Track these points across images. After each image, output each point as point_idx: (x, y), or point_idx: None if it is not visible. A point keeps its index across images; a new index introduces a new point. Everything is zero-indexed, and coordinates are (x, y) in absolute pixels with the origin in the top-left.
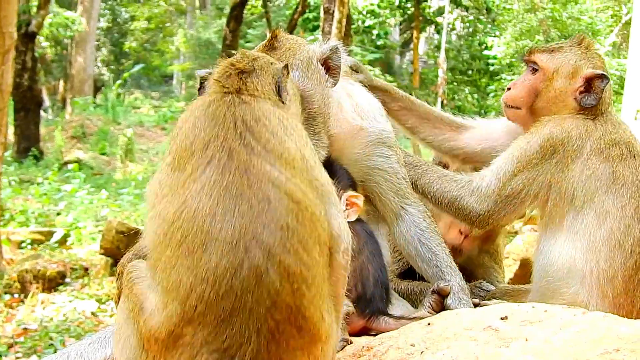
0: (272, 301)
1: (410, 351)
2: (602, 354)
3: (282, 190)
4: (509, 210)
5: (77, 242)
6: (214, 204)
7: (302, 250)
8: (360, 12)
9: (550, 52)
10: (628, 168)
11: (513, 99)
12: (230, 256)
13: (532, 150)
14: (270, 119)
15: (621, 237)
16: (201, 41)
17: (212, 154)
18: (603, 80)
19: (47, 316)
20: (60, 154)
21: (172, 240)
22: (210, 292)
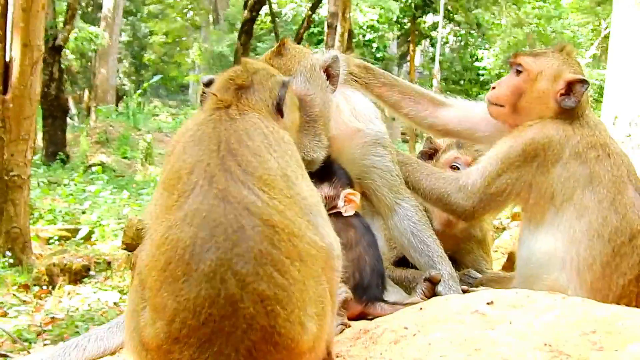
0: (248, 325)
1: (403, 333)
2: (580, 336)
3: (257, 216)
4: (492, 207)
5: (100, 238)
6: (194, 234)
7: (277, 273)
8: (361, 27)
9: (534, 56)
10: (604, 167)
11: (497, 97)
12: (208, 288)
13: (515, 153)
14: (254, 137)
15: (599, 227)
16: (215, 54)
17: (196, 181)
18: (583, 85)
19: (73, 306)
20: (85, 158)
21: (157, 264)
22: (192, 319)
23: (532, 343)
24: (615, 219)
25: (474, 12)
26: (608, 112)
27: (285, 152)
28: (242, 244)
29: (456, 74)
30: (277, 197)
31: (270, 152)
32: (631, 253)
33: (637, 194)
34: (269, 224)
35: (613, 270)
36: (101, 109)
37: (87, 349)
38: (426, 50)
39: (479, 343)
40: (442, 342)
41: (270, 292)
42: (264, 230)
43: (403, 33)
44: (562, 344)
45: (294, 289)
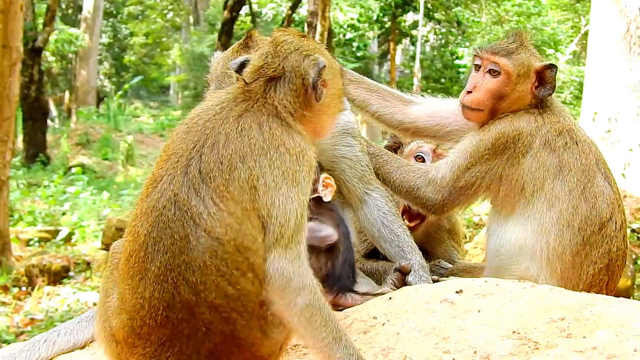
0: (207, 328)
1: (372, 323)
2: (548, 323)
3: (201, 228)
4: (462, 200)
5: (81, 239)
6: (148, 231)
7: (226, 284)
8: (341, 26)
9: (509, 54)
10: (572, 155)
11: (477, 102)
12: (161, 291)
13: (484, 147)
14: (233, 143)
15: (569, 217)
16: (195, 55)
17: (164, 174)
18: (552, 69)
19: (52, 307)
20: (66, 159)
21: (124, 252)
22: (150, 320)
23: (501, 331)
24: (585, 208)
25: (454, 10)
26: (588, 108)
27: (271, 162)
28: (188, 252)
29: (437, 72)
30: (229, 209)
31: (245, 161)
32: (601, 242)
33: (606, 183)
34: (212, 236)
35: (583, 259)
36: (82, 111)
37: (56, 343)
38: (407, 49)
39: (447, 332)
40: (410, 331)
41: (221, 301)
42: (207, 241)
43: (383, 32)
44: (530, 332)
45: (247, 299)
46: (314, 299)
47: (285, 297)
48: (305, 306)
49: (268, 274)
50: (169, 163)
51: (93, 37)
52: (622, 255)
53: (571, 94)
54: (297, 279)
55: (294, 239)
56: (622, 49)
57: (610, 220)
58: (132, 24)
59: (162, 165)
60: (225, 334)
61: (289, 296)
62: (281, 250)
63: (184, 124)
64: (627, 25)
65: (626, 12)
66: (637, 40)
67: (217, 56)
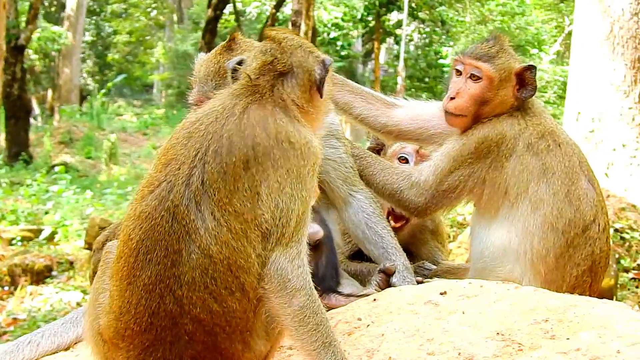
0: (189, 338)
1: (357, 324)
2: (532, 324)
3: (196, 244)
4: (445, 203)
5: (63, 238)
6: (141, 238)
7: (213, 302)
8: (326, 25)
9: (490, 59)
10: (555, 157)
11: (461, 108)
12: (148, 299)
13: (467, 151)
14: (238, 147)
15: (554, 220)
16: (179, 53)
17: (161, 182)
18: (532, 70)
19: (35, 307)
20: (49, 158)
21: (118, 251)
22: (134, 324)
23: (485, 332)
24: (569, 211)
25: (438, 10)
26: (571, 108)
27: (274, 162)
28: (179, 266)
29: (421, 72)
30: (229, 225)
31: (250, 166)
32: (584, 244)
33: (589, 185)
34: (206, 253)
35: (567, 261)
36: (65, 109)
37: (40, 345)
38: (391, 48)
39: (431, 333)
40: (395, 332)
41: (205, 317)
42: (200, 258)
43: (367, 31)
44: (514, 333)
45: (231, 317)
46: (310, 301)
47: (281, 296)
48: (300, 307)
49: (267, 273)
50: (169, 169)
51: (76, 35)
52: (605, 257)
53: (555, 94)
54: (295, 279)
55: (295, 237)
56: (606, 49)
57: (594, 222)
58: (115, 22)
59: (160, 169)
60: (207, 344)
61: (286, 296)
62: (282, 249)
63: (185, 128)
64: (610, 26)
65: (610, 12)
66: (621, 41)
67: (200, 58)
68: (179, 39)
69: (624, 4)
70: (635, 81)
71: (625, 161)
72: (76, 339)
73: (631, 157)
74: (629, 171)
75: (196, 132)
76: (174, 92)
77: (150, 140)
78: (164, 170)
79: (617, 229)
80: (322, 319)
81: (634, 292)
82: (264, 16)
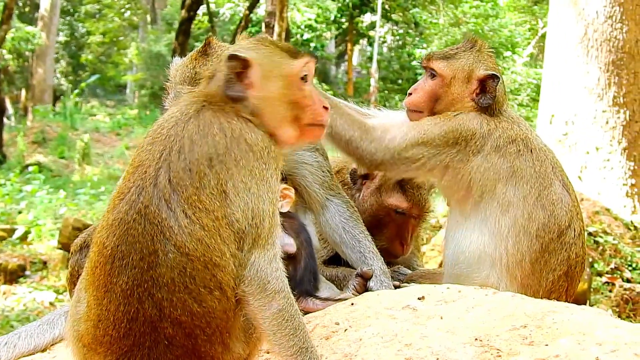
0: (169, 342)
1: (334, 329)
2: (511, 330)
3: (172, 242)
4: (401, 170)
5: (37, 238)
6: (115, 244)
7: (193, 302)
8: (299, 26)
9: (446, 58)
10: (526, 162)
11: (415, 103)
12: (126, 305)
13: (436, 133)
14: (198, 146)
15: (525, 223)
16: (152, 54)
17: (131, 186)
18: (495, 80)
19: (8, 306)
20: (22, 158)
21: (89, 263)
22: (112, 330)
23: (463, 338)
24: (542, 216)
25: (411, 12)
26: (545, 111)
27: (236, 162)
28: (157, 268)
29: (394, 73)
30: (201, 221)
31: (213, 164)
32: (560, 249)
33: (564, 190)
34: (182, 251)
35: (542, 266)
36: (38, 109)
37: (17, 346)
38: (364, 50)
39: (409, 338)
40: (373, 337)
41: (186, 318)
42: (177, 257)
43: (341, 32)
44: (492, 339)
45: (211, 317)
46: (288, 304)
47: (260, 299)
48: (278, 310)
49: (247, 275)
50: (136, 175)
51: (50, 35)
52: (581, 262)
53: (528, 96)
54: (274, 281)
55: (269, 239)
56: (580, 52)
57: (569, 227)
58: (89, 23)
59: (128, 178)
60: (186, 348)
61: (265, 298)
62: (260, 251)
63: (149, 136)
64: (584, 29)
65: (584, 15)
66: (595, 44)
67: (175, 62)
68: (152, 39)
69: (598, 7)
70: (609, 84)
71: (598, 164)
72: (53, 341)
73: (604, 160)
74: (602, 174)
75: (158, 137)
76: (147, 92)
77: (123, 140)
78: (132, 178)
79: (591, 233)
80: (299, 324)
81: (607, 296)
82: (237, 17)
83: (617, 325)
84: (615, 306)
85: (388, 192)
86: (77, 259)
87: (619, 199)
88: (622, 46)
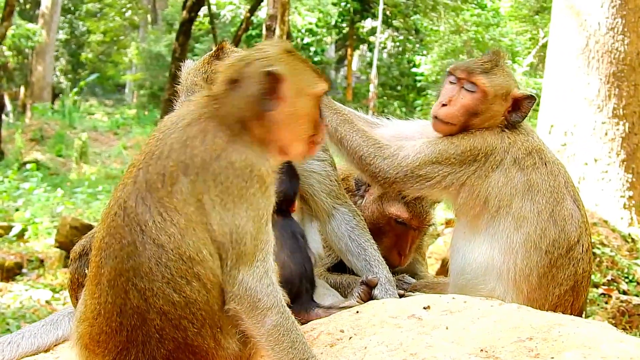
0: (160, 335)
1: (339, 336)
2: (516, 342)
3: (147, 234)
4: (415, 188)
5: (34, 236)
6: (102, 236)
7: (172, 292)
8: (300, 30)
9: (487, 73)
10: (541, 176)
11: (451, 116)
12: (114, 296)
13: (453, 152)
14: (175, 154)
15: (537, 239)
16: (152, 54)
17: (120, 184)
18: (531, 101)
19: (5, 303)
20: (20, 155)
21: (91, 255)
22: (106, 326)
23: (468, 348)
24: (554, 231)
25: (412, 18)
26: (544, 121)
27: (214, 176)
28: (135, 257)
29: (393, 80)
30: (174, 220)
31: (189, 173)
32: (568, 264)
33: (574, 205)
34: (157, 243)
35: (549, 281)
36: (37, 107)
37: (20, 345)
38: (364, 55)
39: (415, 347)
40: (378, 346)
41: (170, 308)
42: (152, 248)
43: (341, 37)
44: (498, 350)
45: (195, 308)
46: (282, 318)
47: (253, 316)
48: (273, 326)
49: (237, 293)
50: (127, 173)
51: (50, 33)
52: (588, 277)
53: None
54: (266, 298)
55: (258, 256)
56: (581, 63)
57: (578, 243)
58: (90, 21)
59: (124, 177)
60: (178, 341)
61: (257, 316)
62: (247, 269)
63: (148, 139)
64: (586, 40)
65: (586, 26)
66: (596, 55)
67: (187, 66)
68: (152, 39)
69: (600, 18)
70: (609, 96)
71: (596, 176)
72: (56, 341)
73: (603, 172)
74: (600, 186)
75: (152, 139)
76: (146, 92)
77: (121, 140)
78: (124, 177)
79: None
80: (296, 337)
81: (603, 308)
82: (238, 20)
83: (622, 339)
84: (611, 318)
85: (390, 201)
86: (77, 267)
87: (616, 211)
88: (623, 58)
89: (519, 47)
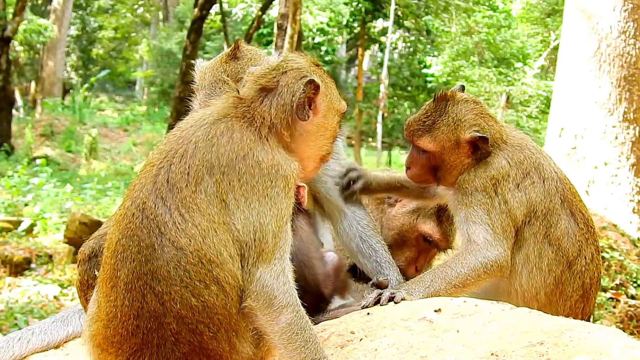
0: (175, 339)
1: (350, 338)
2: (527, 346)
3: (166, 236)
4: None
5: (42, 231)
6: (118, 239)
7: (190, 296)
8: (311, 29)
9: (428, 132)
10: (537, 196)
11: (417, 177)
12: (131, 299)
13: (480, 199)
14: (200, 153)
15: (535, 259)
16: (163, 51)
17: (136, 184)
18: (484, 140)
19: (13, 298)
20: (30, 150)
21: (103, 260)
22: (122, 328)
23: (479, 352)
24: (550, 251)
25: (424, 19)
26: (554, 123)
27: (239, 176)
28: (154, 261)
29: (404, 80)
30: (196, 221)
31: (214, 172)
32: (573, 278)
33: (571, 220)
34: (176, 245)
35: (558, 297)
36: (47, 102)
37: (30, 342)
38: (375, 55)
39: (425, 350)
40: (388, 348)
41: (187, 313)
42: (171, 251)
43: (352, 37)
44: (509, 355)
45: (212, 312)
46: (297, 317)
47: (268, 314)
48: (287, 325)
49: (254, 290)
50: (144, 173)
51: (62, 29)
52: (597, 282)
53: (537, 108)
54: (282, 296)
55: (276, 254)
56: (592, 66)
57: (579, 256)
58: (101, 18)
59: (139, 176)
60: (193, 345)
61: (272, 313)
62: (265, 266)
63: (166, 137)
64: (598, 43)
65: (598, 29)
66: (608, 59)
67: (201, 65)
68: (163, 37)
69: (612, 21)
70: (620, 100)
71: (606, 180)
72: (66, 338)
73: (612, 175)
74: (609, 190)
75: (173, 137)
76: (157, 89)
77: (130, 136)
78: (141, 176)
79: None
80: (309, 336)
81: (611, 312)
82: (249, 18)
83: (633, 345)
84: (619, 322)
85: (424, 218)
86: (87, 268)
87: (625, 215)
88: (635, 62)
89: (530, 50)
